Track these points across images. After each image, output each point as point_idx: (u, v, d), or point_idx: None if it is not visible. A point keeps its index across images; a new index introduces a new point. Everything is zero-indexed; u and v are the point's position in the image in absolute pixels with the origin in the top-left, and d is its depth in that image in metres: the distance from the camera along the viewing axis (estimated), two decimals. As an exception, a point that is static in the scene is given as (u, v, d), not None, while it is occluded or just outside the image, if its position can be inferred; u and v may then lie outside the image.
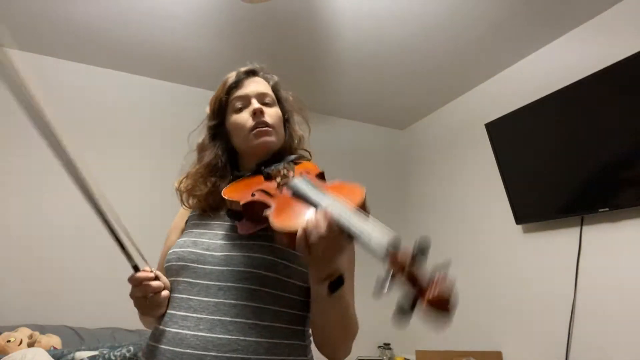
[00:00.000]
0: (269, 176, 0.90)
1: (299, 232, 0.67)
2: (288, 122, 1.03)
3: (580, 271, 2.16)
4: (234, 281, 0.81)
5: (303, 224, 0.67)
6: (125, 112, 2.78)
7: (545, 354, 2.25)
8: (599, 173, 2.10)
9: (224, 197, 0.86)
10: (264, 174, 0.91)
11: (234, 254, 0.84)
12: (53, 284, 2.34)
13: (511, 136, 2.54)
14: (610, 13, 2.20)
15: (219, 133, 1.00)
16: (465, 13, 2.28)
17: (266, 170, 0.91)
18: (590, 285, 2.12)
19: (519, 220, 2.47)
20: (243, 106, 0.97)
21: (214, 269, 0.83)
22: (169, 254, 0.90)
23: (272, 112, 0.97)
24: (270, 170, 0.91)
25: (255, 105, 0.95)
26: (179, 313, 0.81)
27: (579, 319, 2.14)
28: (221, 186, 0.93)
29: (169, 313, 0.82)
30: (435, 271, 0.57)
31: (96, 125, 2.67)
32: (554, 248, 2.32)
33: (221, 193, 0.88)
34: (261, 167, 0.92)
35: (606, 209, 2.02)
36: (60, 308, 2.29)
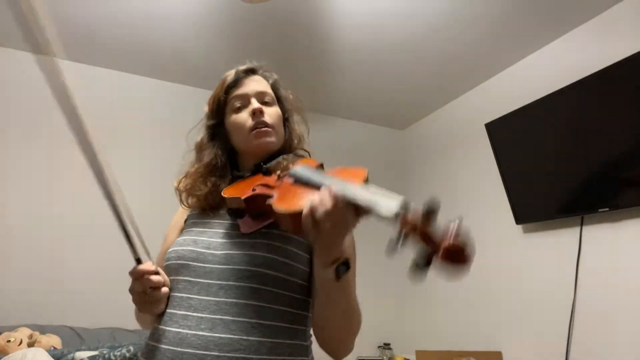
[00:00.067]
0: (268, 171, 0.89)
1: (305, 211, 0.65)
2: (288, 122, 1.02)
3: (580, 271, 2.16)
4: (235, 280, 0.80)
5: (308, 203, 0.66)
6: (125, 112, 2.77)
7: (545, 354, 2.25)
8: (599, 173, 2.10)
9: (224, 197, 0.85)
10: (263, 171, 0.90)
11: (235, 252, 0.82)
12: (53, 284, 2.34)
13: (511, 136, 2.54)
14: (610, 13, 2.20)
15: (218, 132, 0.98)
16: (465, 13, 2.28)
17: (265, 167, 0.90)
18: (590, 285, 2.12)
19: (519, 220, 2.47)
20: (242, 105, 0.95)
21: (214, 268, 0.81)
22: (168, 253, 0.89)
23: (272, 112, 0.96)
24: (269, 166, 0.90)
25: (254, 105, 0.94)
26: (179, 312, 0.79)
27: (579, 319, 2.14)
28: (221, 186, 0.92)
29: (169, 312, 0.81)
30: (447, 226, 0.56)
31: (96, 125, 2.67)
32: (554, 248, 2.32)
33: (221, 193, 0.87)
34: (260, 165, 0.91)
35: (606, 209, 2.02)
36: (60, 308, 2.29)
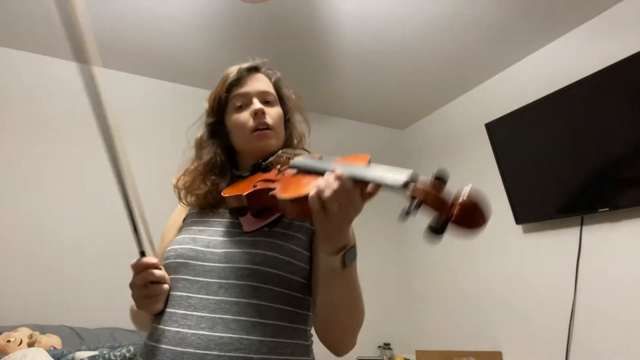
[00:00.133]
0: (267, 168, 0.88)
1: (312, 193, 0.65)
2: (289, 122, 1.01)
3: (580, 271, 2.16)
4: (235, 278, 0.79)
5: (314, 186, 0.65)
6: (125, 112, 2.77)
7: (545, 354, 2.25)
8: (599, 173, 2.10)
9: (224, 196, 0.84)
10: (262, 168, 0.89)
11: (235, 251, 0.82)
12: (53, 284, 2.34)
13: (511, 136, 2.54)
14: (610, 13, 2.20)
15: (218, 131, 0.97)
16: (465, 13, 2.28)
17: (264, 164, 0.89)
18: (590, 285, 2.12)
19: (519, 220, 2.47)
20: (244, 104, 0.94)
21: (214, 266, 0.81)
22: (167, 252, 0.88)
23: (274, 113, 0.95)
24: (268, 162, 0.89)
25: (256, 105, 0.92)
26: (178, 311, 0.78)
27: (579, 319, 2.14)
28: (220, 185, 0.92)
29: (168, 311, 0.80)
30: (459, 190, 0.56)
31: (95, 124, 2.67)
32: (554, 248, 2.32)
33: (221, 193, 0.86)
34: (259, 164, 0.91)
35: (606, 209, 2.02)
36: (60, 308, 2.28)
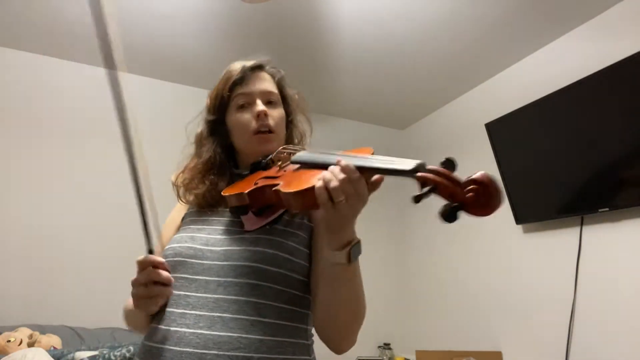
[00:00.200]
0: (267, 165, 0.87)
1: (319, 184, 0.63)
2: (291, 122, 1.01)
3: (580, 271, 2.16)
4: (234, 276, 0.78)
5: (320, 178, 0.64)
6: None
7: (545, 354, 2.25)
8: (599, 173, 2.10)
9: (224, 196, 0.83)
10: (262, 165, 0.88)
11: (234, 248, 0.81)
12: (53, 284, 2.34)
13: (511, 136, 2.54)
14: (610, 13, 2.20)
15: (218, 129, 0.96)
16: (465, 13, 2.28)
17: (264, 162, 0.88)
18: (590, 285, 2.12)
19: (519, 220, 2.47)
20: (246, 104, 0.93)
21: (213, 264, 0.80)
22: (165, 250, 0.86)
23: (276, 115, 0.94)
24: (269, 160, 0.88)
25: (259, 107, 0.91)
26: (176, 310, 0.77)
27: (579, 319, 2.14)
28: (220, 184, 0.91)
29: (166, 311, 0.79)
30: (470, 175, 0.56)
31: (96, 124, 2.67)
32: (554, 248, 2.32)
33: (220, 192, 0.86)
34: (259, 163, 0.89)
35: (606, 209, 2.02)
36: (60, 308, 2.29)
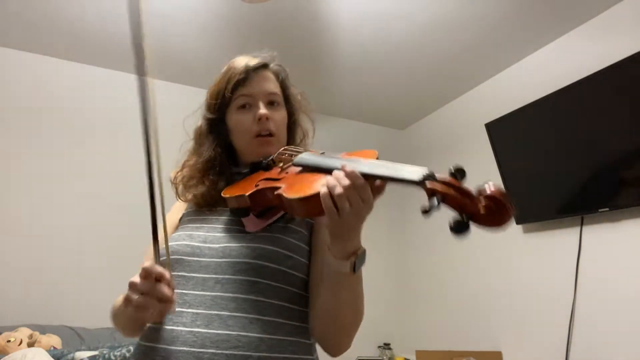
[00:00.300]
0: (269, 166, 0.85)
1: (323, 190, 0.62)
2: (294, 123, 0.99)
3: (580, 271, 2.16)
4: (233, 273, 0.76)
5: (324, 184, 0.62)
6: (125, 112, 2.77)
7: (545, 354, 2.25)
8: (599, 173, 2.10)
9: (224, 197, 0.82)
10: (264, 167, 0.86)
11: (233, 245, 0.79)
12: (53, 284, 2.34)
13: (511, 136, 2.54)
14: (610, 13, 2.20)
15: (218, 127, 0.94)
16: (465, 13, 2.28)
17: (265, 162, 0.86)
18: (590, 285, 2.12)
19: (519, 220, 2.47)
20: (247, 104, 0.91)
21: (210, 262, 0.78)
22: (162, 249, 0.85)
23: (278, 118, 0.92)
24: (269, 161, 0.86)
25: (261, 110, 0.89)
26: None
27: (579, 319, 2.14)
28: (220, 183, 0.90)
29: None
30: (481, 186, 0.56)
31: (96, 124, 2.68)
32: (554, 248, 2.32)
33: (220, 192, 0.84)
34: (259, 163, 0.88)
35: (606, 209, 2.02)
36: (60, 308, 2.29)
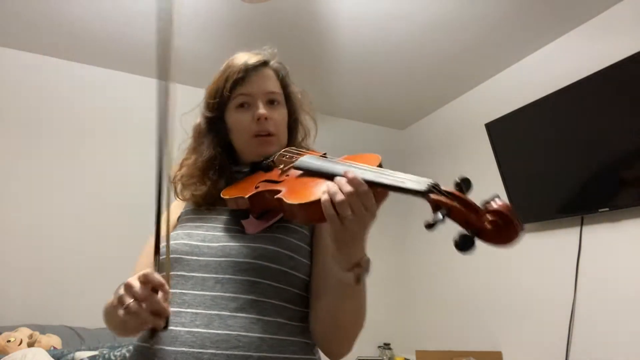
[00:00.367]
0: (269, 167, 0.84)
1: (324, 197, 0.60)
2: (295, 121, 0.97)
3: (580, 271, 2.16)
4: (233, 273, 0.74)
5: (325, 190, 0.60)
6: (125, 112, 2.77)
7: (545, 354, 2.25)
8: (599, 173, 2.10)
9: (224, 198, 0.81)
10: (264, 167, 0.85)
11: (233, 244, 0.78)
12: (53, 284, 2.34)
13: (511, 136, 2.54)
14: (610, 13, 2.20)
15: (217, 126, 0.92)
16: (465, 13, 2.28)
17: (265, 163, 0.85)
18: (590, 285, 2.12)
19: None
20: (246, 103, 0.89)
21: (210, 261, 0.76)
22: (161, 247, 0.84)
23: (277, 117, 0.90)
24: (270, 162, 0.84)
25: (260, 110, 0.87)
26: (171, 309, 0.71)
27: (579, 319, 2.14)
28: (220, 182, 0.88)
29: None
30: (487, 201, 0.54)
31: (96, 124, 2.67)
32: (554, 248, 2.31)
33: (220, 191, 0.83)
34: (259, 163, 0.86)
35: (606, 209, 2.02)
36: (60, 308, 2.28)
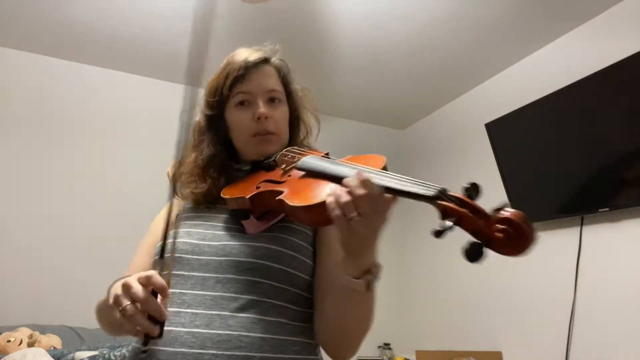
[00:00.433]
0: (270, 167, 0.82)
1: (330, 200, 0.58)
2: (297, 119, 0.95)
3: (580, 271, 2.16)
4: (234, 272, 0.73)
5: (330, 192, 0.58)
6: (125, 112, 2.77)
7: (545, 354, 2.25)
8: (599, 173, 2.10)
9: (224, 197, 0.79)
10: (265, 167, 0.83)
11: (234, 243, 0.76)
12: (53, 284, 2.34)
13: (511, 136, 2.54)
14: (610, 13, 2.20)
15: (217, 124, 0.91)
16: (465, 13, 2.28)
17: (267, 162, 0.83)
18: (590, 285, 2.12)
19: (519, 220, 2.47)
20: (246, 101, 0.87)
21: (210, 260, 0.75)
22: (157, 248, 0.81)
23: (278, 116, 0.88)
24: (271, 161, 0.82)
25: (260, 108, 0.85)
26: (170, 309, 0.70)
27: (579, 319, 2.14)
28: (220, 180, 0.87)
29: None
30: (498, 209, 0.53)
31: (96, 124, 2.67)
32: (554, 248, 2.31)
33: (220, 190, 0.82)
34: (260, 162, 0.85)
35: (606, 209, 2.02)
36: (60, 308, 2.28)
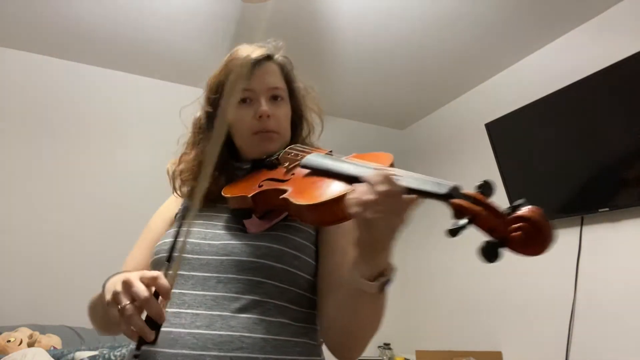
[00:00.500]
0: (273, 165, 0.80)
1: (352, 194, 0.56)
2: (300, 117, 0.94)
3: (580, 271, 2.16)
4: (236, 272, 0.72)
5: (343, 190, 0.56)
6: (125, 112, 2.77)
7: (545, 354, 2.25)
8: (599, 173, 2.10)
9: (225, 196, 0.78)
10: (267, 165, 0.81)
11: (235, 243, 0.75)
12: (53, 284, 2.34)
13: (511, 136, 2.54)
14: (610, 13, 2.20)
15: None
16: (465, 13, 2.28)
17: (269, 160, 0.81)
18: (590, 285, 2.12)
19: (519, 220, 2.47)
20: (248, 99, 0.86)
21: (211, 259, 0.74)
22: (157, 246, 0.80)
23: (280, 114, 0.87)
24: (274, 159, 0.81)
25: (262, 106, 0.84)
26: (170, 310, 0.69)
27: (579, 319, 2.14)
28: (220, 178, 0.85)
29: None
30: (515, 208, 0.51)
31: (96, 124, 2.67)
32: (554, 248, 2.30)
33: (221, 188, 0.80)
34: (261, 160, 0.83)
35: (606, 209, 2.02)
36: (60, 308, 2.28)
